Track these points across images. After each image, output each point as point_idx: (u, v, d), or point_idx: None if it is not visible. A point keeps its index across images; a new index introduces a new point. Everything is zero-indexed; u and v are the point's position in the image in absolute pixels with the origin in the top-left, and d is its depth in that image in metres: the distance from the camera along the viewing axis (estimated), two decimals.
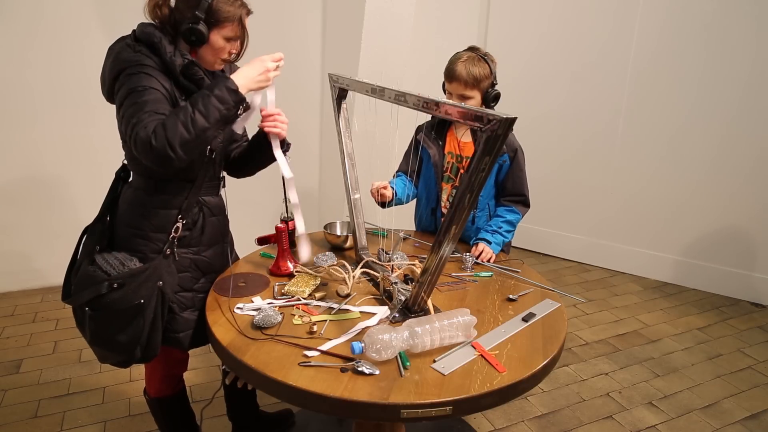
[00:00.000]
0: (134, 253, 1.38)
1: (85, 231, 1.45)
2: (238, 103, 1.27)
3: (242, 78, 1.28)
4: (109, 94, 1.33)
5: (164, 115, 1.22)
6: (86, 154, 2.92)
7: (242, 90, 1.27)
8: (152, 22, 1.34)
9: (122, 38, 1.34)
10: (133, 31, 1.33)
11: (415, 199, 2.04)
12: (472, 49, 1.74)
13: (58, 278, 2.96)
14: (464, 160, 1.83)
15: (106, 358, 1.43)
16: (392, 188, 1.83)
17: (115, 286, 1.29)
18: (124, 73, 1.26)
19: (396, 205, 1.85)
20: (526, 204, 1.87)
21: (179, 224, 1.39)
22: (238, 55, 1.40)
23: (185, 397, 1.72)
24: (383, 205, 1.81)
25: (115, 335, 1.32)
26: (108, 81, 1.31)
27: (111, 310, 1.30)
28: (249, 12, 1.38)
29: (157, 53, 1.28)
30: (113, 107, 1.37)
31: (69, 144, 2.88)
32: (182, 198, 1.40)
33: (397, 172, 1.98)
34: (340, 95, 1.67)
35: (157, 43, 1.28)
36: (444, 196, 1.90)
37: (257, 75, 1.31)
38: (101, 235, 1.41)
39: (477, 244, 1.77)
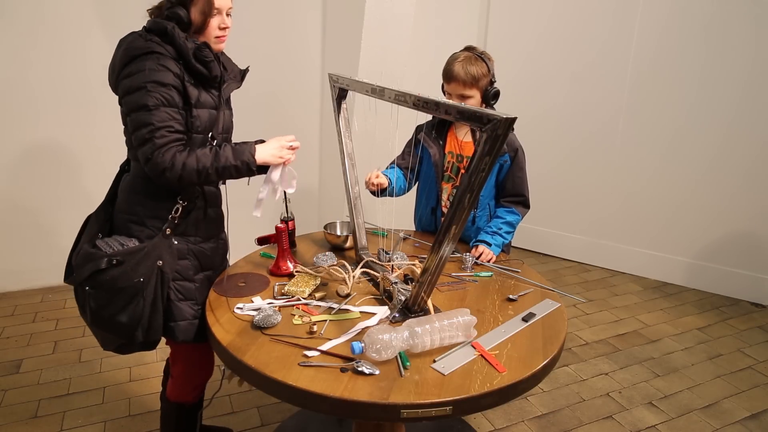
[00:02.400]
0: (131, 238, 1.41)
1: (88, 218, 1.49)
2: (249, 175, 1.41)
3: (262, 152, 1.39)
4: (117, 83, 1.36)
5: (178, 133, 1.32)
6: (87, 154, 2.91)
7: (259, 162, 1.38)
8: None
9: (133, 32, 1.37)
10: (144, 26, 1.37)
11: (414, 199, 2.04)
12: (468, 48, 1.74)
13: (58, 278, 2.96)
14: (465, 159, 1.83)
15: (107, 342, 1.44)
16: (387, 176, 1.80)
17: (114, 262, 1.31)
18: (135, 60, 1.30)
19: (388, 196, 1.84)
20: (525, 205, 1.86)
21: (179, 205, 1.40)
22: (225, 28, 1.42)
23: (201, 406, 1.70)
24: (376, 194, 1.79)
25: (116, 315, 1.34)
26: (117, 69, 1.34)
27: (111, 289, 1.32)
28: None
29: (170, 41, 1.32)
30: (116, 106, 1.38)
31: (70, 144, 2.88)
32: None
33: (390, 164, 1.95)
34: (340, 95, 1.67)
35: (170, 30, 1.31)
36: (444, 196, 1.90)
37: (276, 152, 1.42)
38: (103, 223, 1.45)
39: (477, 246, 1.77)
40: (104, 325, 1.36)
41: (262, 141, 1.50)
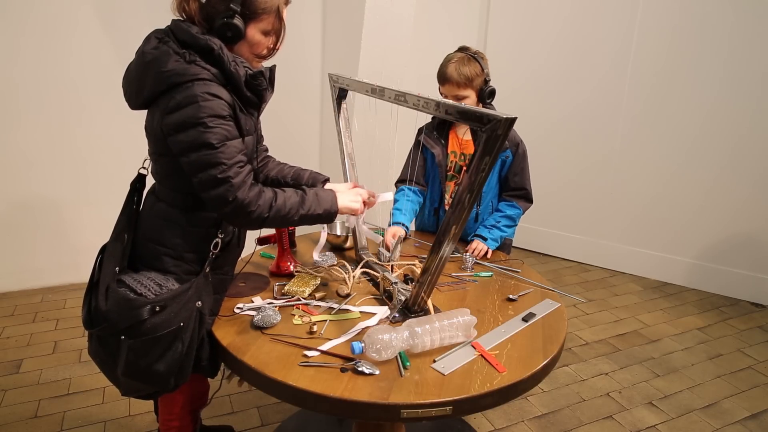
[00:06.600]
0: (167, 274, 1.27)
1: (102, 251, 1.30)
2: (325, 222, 1.37)
3: (343, 202, 1.36)
4: (146, 103, 1.21)
5: (247, 165, 1.20)
6: (88, 154, 2.91)
7: (340, 212, 1.35)
8: (181, 18, 1.20)
9: (158, 39, 1.18)
10: (171, 30, 1.18)
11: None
12: (462, 49, 1.75)
13: (58, 278, 3.02)
14: (467, 157, 1.84)
15: (134, 391, 1.28)
16: (402, 226, 1.82)
17: (157, 309, 1.16)
18: (179, 89, 1.13)
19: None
20: (528, 199, 1.87)
21: (218, 239, 1.28)
22: (275, 50, 1.28)
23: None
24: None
25: (153, 364, 1.19)
26: (150, 90, 1.17)
27: (151, 337, 1.17)
28: (287, 1, 1.26)
29: (217, 64, 1.16)
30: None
31: (70, 144, 2.87)
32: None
33: (397, 182, 1.96)
34: (340, 95, 1.67)
35: (218, 52, 1.15)
36: (447, 195, 1.90)
37: (354, 204, 1.39)
38: (122, 255, 1.28)
39: (472, 240, 1.78)
40: (139, 376, 1.21)
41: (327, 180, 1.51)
